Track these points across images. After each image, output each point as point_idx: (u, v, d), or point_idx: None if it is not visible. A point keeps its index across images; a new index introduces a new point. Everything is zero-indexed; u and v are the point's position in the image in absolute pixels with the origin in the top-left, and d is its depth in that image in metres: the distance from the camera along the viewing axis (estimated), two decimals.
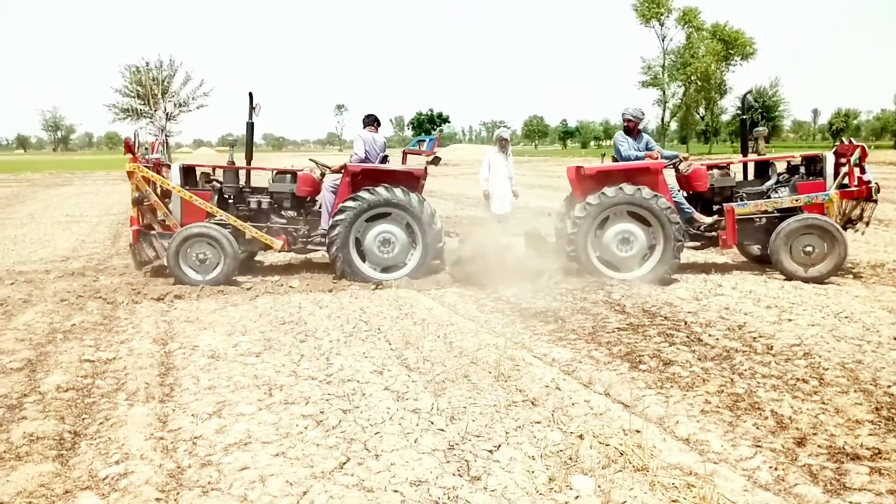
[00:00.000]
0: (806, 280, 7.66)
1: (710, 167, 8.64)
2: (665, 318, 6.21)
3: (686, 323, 6.00)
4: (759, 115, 77.59)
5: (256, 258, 9.46)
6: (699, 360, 4.98)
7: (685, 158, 8.57)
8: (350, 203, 7.97)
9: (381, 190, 7.98)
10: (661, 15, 69.51)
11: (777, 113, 79.85)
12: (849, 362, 4.83)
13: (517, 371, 4.71)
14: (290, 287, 7.71)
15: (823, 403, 4.11)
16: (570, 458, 3.43)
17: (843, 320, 5.97)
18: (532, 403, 4.17)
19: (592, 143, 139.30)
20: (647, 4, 68.96)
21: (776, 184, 8.68)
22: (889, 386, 4.35)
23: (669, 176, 8.41)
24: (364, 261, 8.11)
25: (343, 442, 3.64)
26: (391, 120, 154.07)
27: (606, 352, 5.22)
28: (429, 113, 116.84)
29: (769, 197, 8.46)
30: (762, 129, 9.50)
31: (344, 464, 3.39)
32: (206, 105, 49.38)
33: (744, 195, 8.52)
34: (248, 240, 8.32)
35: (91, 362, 5.08)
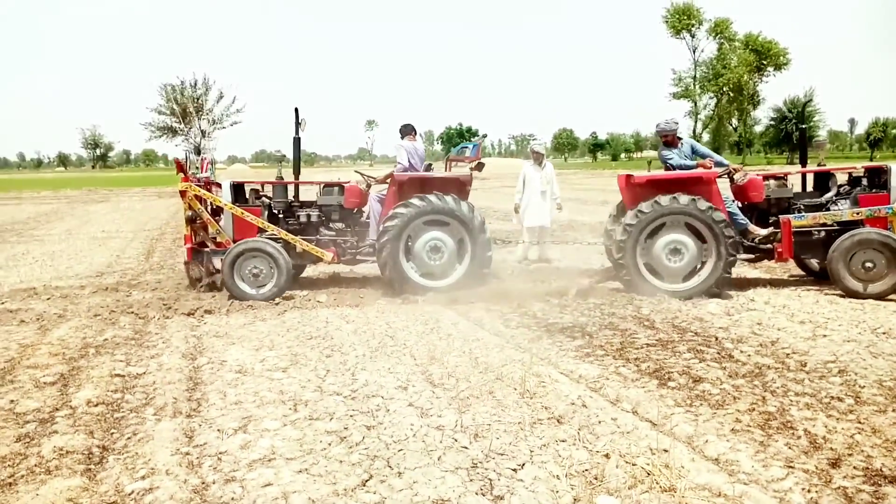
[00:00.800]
0: (866, 297, 7.34)
1: (766, 177, 8.41)
2: (695, 333, 6.10)
3: (717, 339, 5.88)
4: (794, 125, 76.27)
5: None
6: (730, 377, 4.87)
7: (737, 169, 8.36)
8: (401, 210, 7.99)
9: (432, 198, 8.01)
10: (692, 26, 69.09)
11: (812, 123, 78.37)
12: (886, 380, 4.68)
13: (543, 388, 4.66)
14: (318, 302, 7.76)
15: (859, 423, 3.99)
16: (596, 478, 3.37)
17: (880, 336, 5.80)
18: (558, 421, 4.11)
19: (623, 155, 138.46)
20: (677, 16, 68.59)
21: (836, 196, 8.37)
22: None
23: (724, 186, 8.23)
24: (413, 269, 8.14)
25: (366, 459, 3.62)
26: (421, 135, 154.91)
27: (634, 368, 5.14)
28: (458, 127, 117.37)
29: (828, 209, 8.17)
30: (823, 140, 9.24)
31: (366, 481, 3.38)
32: (239, 122, 50.32)
33: (801, 207, 8.27)
34: (299, 253, 8.42)
35: (121, 377, 5.16)
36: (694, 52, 70.54)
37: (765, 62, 68.15)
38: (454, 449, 3.71)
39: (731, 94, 68.77)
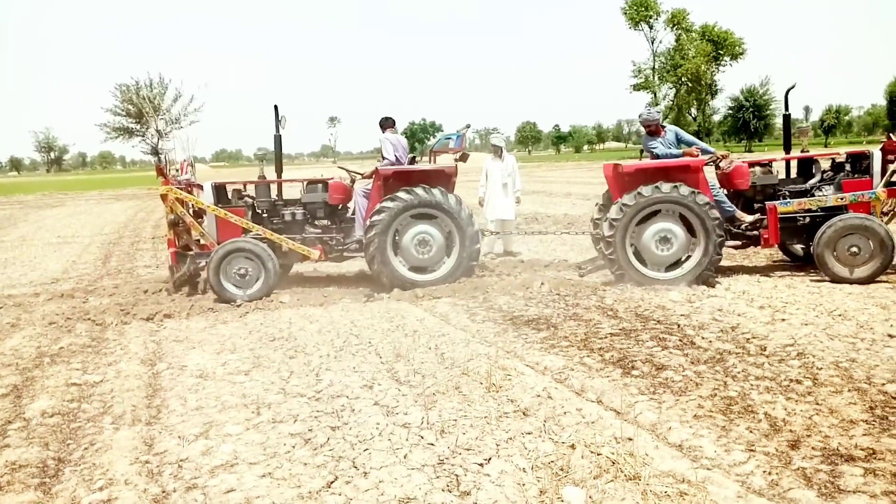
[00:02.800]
0: (852, 282, 7.42)
1: (751, 164, 8.45)
2: (658, 321, 6.17)
3: (679, 326, 5.96)
4: (752, 114, 77.85)
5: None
6: (692, 363, 4.93)
7: (724, 156, 8.39)
8: (388, 204, 7.94)
9: (419, 191, 7.98)
10: (650, 18, 69.84)
11: (769, 111, 79.98)
12: (843, 361, 4.79)
13: (509, 381, 4.66)
14: (281, 302, 7.65)
15: (817, 404, 4.07)
16: (562, 469, 3.38)
17: (836, 318, 5.94)
18: (523, 414, 4.11)
19: (586, 147, 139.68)
20: (635, 8, 69.28)
21: (820, 182, 8.46)
22: (883, 384, 4.31)
23: (710, 174, 8.27)
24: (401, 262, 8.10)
25: (331, 460, 3.58)
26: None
27: (599, 358, 5.17)
28: (422, 122, 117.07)
29: (813, 195, 8.24)
30: (807, 126, 9.24)
31: (331, 483, 3.33)
32: (197, 121, 49.37)
33: (787, 193, 8.34)
34: (285, 252, 8.30)
35: (78, 386, 5.02)
36: (652, 43, 71.35)
37: (721, 52, 69.22)
38: (420, 446, 3.69)
39: (690, 84, 69.67)
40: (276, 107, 8.55)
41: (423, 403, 4.32)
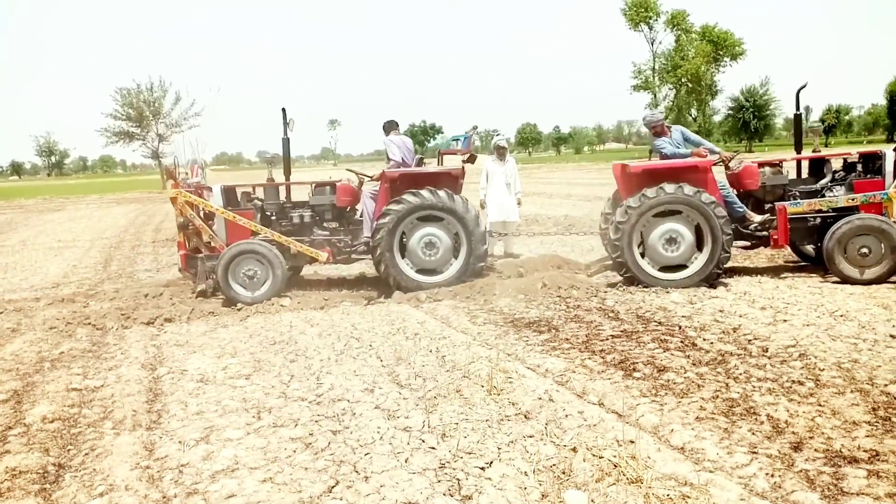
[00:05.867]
0: (863, 283, 7.38)
1: (761, 164, 8.41)
2: (659, 323, 6.15)
3: (680, 328, 5.94)
4: (752, 114, 77.84)
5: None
6: (694, 365, 4.92)
7: (731, 157, 8.32)
8: (394, 206, 7.95)
9: (425, 193, 7.98)
10: (650, 19, 69.82)
11: (769, 111, 79.95)
12: (845, 362, 4.77)
13: (510, 384, 4.65)
14: (282, 306, 7.65)
15: (820, 405, 4.05)
16: (564, 473, 3.36)
17: (838, 319, 5.92)
18: (525, 417, 4.10)
19: (586, 148, 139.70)
20: (635, 9, 69.28)
21: (831, 182, 8.37)
22: (885, 385, 4.30)
23: (720, 174, 8.24)
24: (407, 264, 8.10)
25: (332, 464, 3.57)
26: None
27: (600, 360, 5.16)
28: (422, 124, 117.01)
29: (823, 196, 8.17)
30: (818, 126, 9.14)
31: (332, 487, 3.32)
32: (198, 125, 49.27)
33: (797, 194, 8.26)
34: (294, 254, 8.31)
35: (78, 391, 5.02)
36: (652, 44, 71.32)
37: (721, 53, 69.20)
38: (421, 450, 3.68)
39: (690, 85, 69.64)
40: (283, 110, 8.57)
41: (424, 407, 4.31)
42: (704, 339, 5.53)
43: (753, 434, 3.72)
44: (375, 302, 7.69)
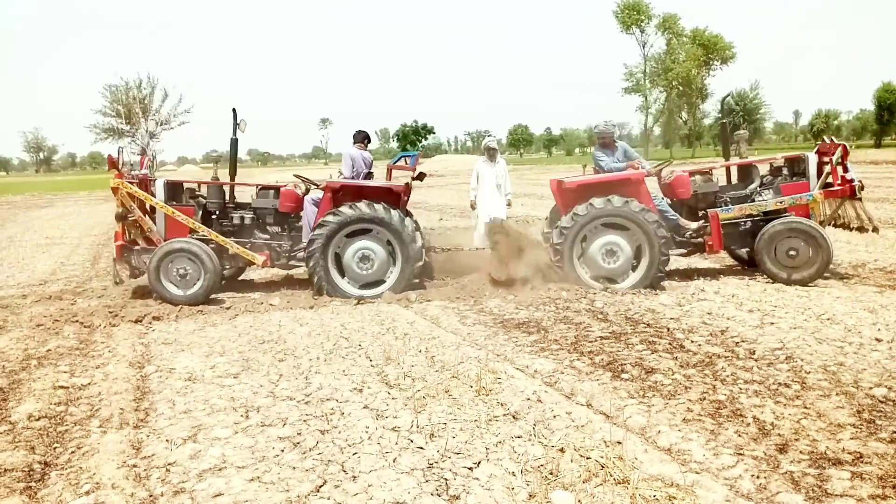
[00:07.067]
0: (790, 283, 7.63)
1: (692, 173, 8.60)
2: (647, 325, 6.18)
3: (668, 329, 5.97)
4: (741, 118, 78.34)
5: (239, 276, 9.39)
6: (681, 367, 4.95)
7: (660, 171, 8.50)
8: (329, 218, 7.92)
9: (361, 206, 7.93)
10: (642, 22, 70.16)
11: (759, 116, 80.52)
12: (831, 365, 4.82)
13: (499, 384, 4.66)
14: (271, 305, 7.63)
15: (805, 408, 4.09)
16: (551, 473, 3.38)
17: (824, 322, 5.97)
18: (513, 417, 4.11)
19: (577, 150, 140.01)
20: (627, 12, 69.59)
21: (760, 186, 8.61)
22: (870, 388, 4.34)
23: (652, 184, 8.38)
24: (343, 276, 8.05)
25: (320, 464, 3.57)
26: (376, 132, 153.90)
27: (588, 361, 5.18)
28: (413, 124, 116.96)
29: (753, 200, 8.40)
30: (743, 133, 9.46)
31: (320, 487, 3.32)
32: (187, 122, 49.16)
33: (728, 200, 8.47)
34: (232, 255, 8.27)
35: (65, 389, 4.98)
36: (644, 47, 71.69)
37: (712, 56, 69.62)
38: (410, 450, 3.68)
39: (681, 88, 70.08)
40: (234, 110, 8.58)
41: (412, 407, 4.31)
42: (692, 341, 5.56)
43: (740, 436, 3.75)
44: (365, 302, 7.68)
